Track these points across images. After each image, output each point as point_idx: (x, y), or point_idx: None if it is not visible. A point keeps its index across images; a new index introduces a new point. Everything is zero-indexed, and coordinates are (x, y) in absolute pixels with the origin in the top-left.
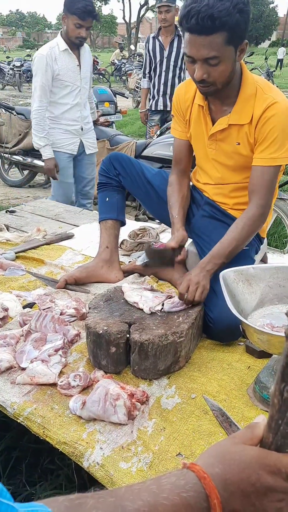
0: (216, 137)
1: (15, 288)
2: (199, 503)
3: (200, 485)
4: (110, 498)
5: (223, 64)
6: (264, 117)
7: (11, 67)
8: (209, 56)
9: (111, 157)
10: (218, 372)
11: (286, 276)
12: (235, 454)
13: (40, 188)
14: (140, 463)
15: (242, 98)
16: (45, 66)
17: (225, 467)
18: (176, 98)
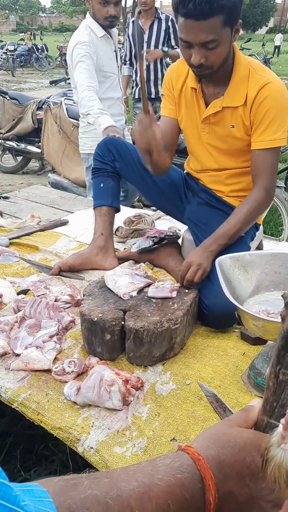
0: (209, 121)
1: (9, 274)
2: (193, 484)
3: (194, 467)
4: (105, 479)
5: (221, 47)
6: (258, 98)
7: (4, 51)
8: (207, 40)
9: (107, 142)
10: (213, 358)
11: (282, 263)
12: (230, 436)
13: (34, 175)
14: (135, 448)
15: (235, 80)
16: (90, 55)
17: (220, 449)
18: (169, 77)
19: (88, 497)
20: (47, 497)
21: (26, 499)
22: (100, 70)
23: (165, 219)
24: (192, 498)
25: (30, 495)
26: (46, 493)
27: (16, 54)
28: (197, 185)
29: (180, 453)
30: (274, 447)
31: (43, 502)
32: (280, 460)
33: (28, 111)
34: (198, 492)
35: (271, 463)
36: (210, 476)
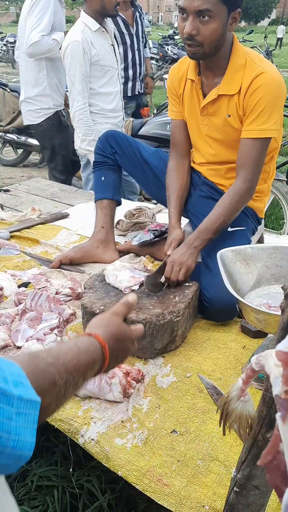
0: (207, 111)
1: (10, 267)
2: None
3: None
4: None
5: (214, 22)
6: (252, 87)
7: (4, 43)
8: (202, 8)
9: (108, 135)
10: (214, 351)
11: (283, 256)
12: (113, 322)
13: (34, 168)
14: (135, 439)
15: (232, 68)
16: (82, 55)
17: (109, 329)
18: (171, 79)
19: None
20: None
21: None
22: (97, 64)
23: (166, 212)
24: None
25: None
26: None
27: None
28: (199, 177)
29: (92, 340)
30: (234, 400)
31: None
32: (240, 411)
33: None
34: (99, 365)
35: (232, 415)
36: (107, 352)
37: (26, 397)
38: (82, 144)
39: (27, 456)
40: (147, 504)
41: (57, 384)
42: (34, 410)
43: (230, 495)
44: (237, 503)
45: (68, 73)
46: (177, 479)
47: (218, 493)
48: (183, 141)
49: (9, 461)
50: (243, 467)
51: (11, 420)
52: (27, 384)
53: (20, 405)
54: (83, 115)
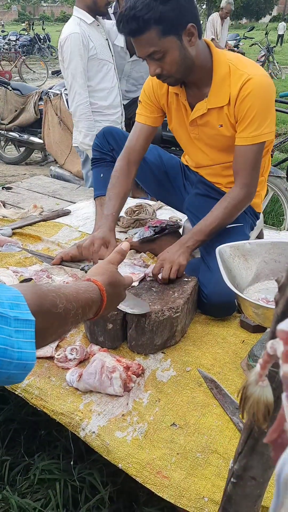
0: (197, 123)
1: (12, 264)
2: (97, 301)
3: (99, 293)
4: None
5: (169, 55)
6: (241, 95)
7: (6, 42)
8: (150, 52)
9: (105, 132)
10: (213, 346)
11: (282, 252)
12: (109, 269)
13: (37, 166)
14: (136, 432)
15: (217, 79)
16: (82, 47)
17: (106, 276)
18: (150, 85)
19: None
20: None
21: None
22: (95, 58)
23: (166, 209)
24: (96, 307)
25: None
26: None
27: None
28: (196, 176)
29: (91, 283)
30: (252, 385)
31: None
32: (258, 396)
33: (31, 101)
34: (98, 305)
35: (250, 399)
36: (105, 295)
37: (22, 317)
38: (86, 139)
39: (31, 365)
40: (148, 496)
41: (58, 307)
42: (30, 327)
43: (228, 486)
44: (234, 494)
45: (69, 67)
46: (177, 471)
47: (217, 485)
48: (138, 148)
49: (17, 371)
50: (240, 458)
51: (11, 337)
52: (23, 306)
53: (17, 324)
54: (86, 109)
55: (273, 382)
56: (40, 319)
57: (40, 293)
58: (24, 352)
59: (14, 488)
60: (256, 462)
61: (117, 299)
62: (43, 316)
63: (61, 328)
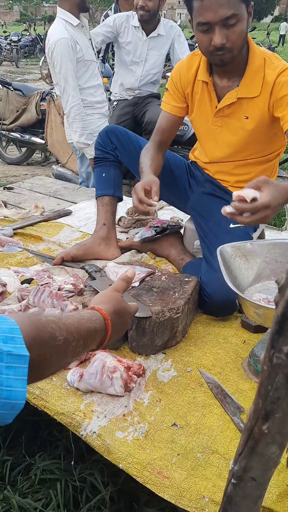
0: (223, 113)
1: (13, 264)
2: (101, 332)
3: (103, 323)
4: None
5: (241, 24)
6: (278, 82)
7: (8, 42)
8: (228, 15)
9: (108, 131)
10: (214, 346)
11: (283, 252)
12: (114, 297)
13: (38, 166)
14: (136, 432)
15: (251, 70)
16: (71, 51)
17: (112, 305)
18: (177, 73)
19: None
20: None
21: None
22: (82, 60)
23: (168, 209)
24: (98, 339)
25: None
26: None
27: (20, 45)
28: (202, 174)
29: (95, 312)
30: None
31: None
32: None
33: (32, 102)
34: (102, 336)
35: None
36: (109, 325)
37: (15, 352)
38: (81, 138)
39: (20, 405)
40: (149, 497)
41: (57, 339)
42: (23, 363)
43: (228, 487)
44: (234, 495)
45: (60, 71)
46: (177, 471)
47: (218, 486)
48: (167, 136)
49: (4, 411)
50: (240, 459)
51: (1, 374)
52: (18, 339)
53: (9, 360)
54: (79, 110)
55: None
56: (36, 352)
57: (38, 324)
58: (13, 390)
59: (15, 488)
60: (256, 463)
61: (122, 328)
62: (40, 348)
63: (60, 362)
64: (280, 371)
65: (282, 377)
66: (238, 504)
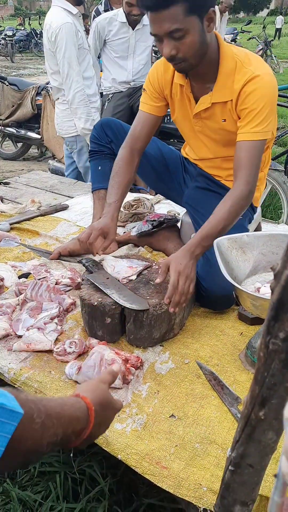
0: (201, 116)
1: (10, 258)
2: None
3: (87, 413)
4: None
5: (189, 36)
6: (244, 91)
7: (2, 37)
8: (171, 30)
9: (103, 123)
10: (211, 338)
11: (279, 244)
12: (100, 388)
13: (34, 161)
14: (135, 424)
15: (223, 74)
16: (75, 37)
17: (97, 396)
18: (155, 74)
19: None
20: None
21: None
22: (82, 48)
23: (164, 203)
24: (79, 430)
25: None
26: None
27: (15, 39)
28: (195, 169)
29: (79, 400)
30: None
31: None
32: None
33: (28, 96)
34: (85, 421)
35: None
36: (93, 415)
37: (8, 406)
38: (86, 124)
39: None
40: (148, 488)
41: (34, 421)
42: (12, 420)
43: (226, 474)
44: (232, 482)
45: (64, 55)
46: (176, 462)
47: (216, 475)
48: (142, 137)
49: None
50: (237, 446)
51: None
52: (10, 396)
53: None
54: (83, 95)
55: (257, 382)
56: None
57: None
58: None
59: (15, 481)
60: (254, 450)
61: (104, 423)
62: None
63: (32, 448)
64: (276, 357)
65: (278, 363)
66: (236, 490)
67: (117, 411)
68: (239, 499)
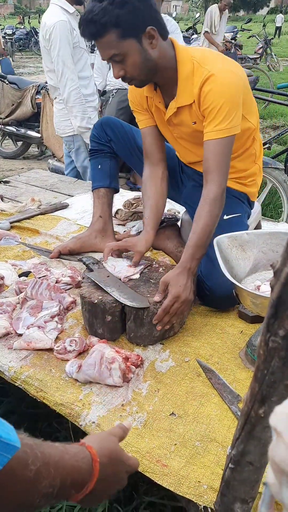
0: (173, 122)
1: (10, 257)
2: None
3: (91, 464)
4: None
5: (129, 58)
6: (202, 92)
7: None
8: (111, 55)
9: (103, 122)
10: (211, 336)
11: (279, 242)
12: (110, 440)
13: (34, 160)
14: (135, 422)
15: (182, 78)
16: (69, 34)
17: (105, 449)
18: (132, 92)
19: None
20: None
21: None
22: (77, 47)
23: None
24: (80, 483)
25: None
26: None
27: (15, 38)
28: (189, 168)
29: (84, 449)
30: None
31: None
32: None
33: (27, 95)
34: (85, 481)
35: None
36: (97, 468)
37: (3, 438)
38: (82, 122)
39: None
40: (148, 486)
41: (27, 468)
42: (7, 452)
43: (226, 472)
44: (232, 479)
45: (58, 53)
46: (176, 460)
47: (216, 473)
48: (154, 149)
49: None
50: (237, 444)
51: None
52: (8, 427)
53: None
54: (79, 94)
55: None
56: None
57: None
58: None
59: None
60: (253, 447)
61: (113, 480)
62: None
63: (22, 500)
64: (276, 355)
65: (278, 361)
66: (236, 488)
67: (131, 470)
68: (239, 497)
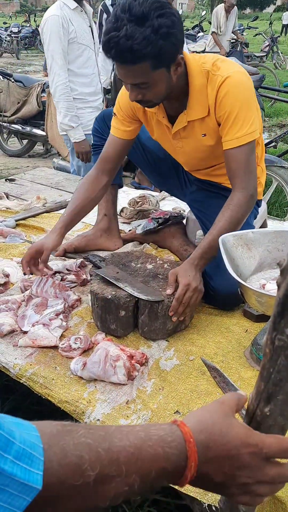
0: (180, 135)
1: (16, 255)
2: (177, 461)
3: (184, 446)
4: (100, 432)
5: (155, 87)
6: (218, 98)
7: (8, 34)
8: (136, 83)
9: (105, 115)
10: (216, 335)
11: (285, 241)
12: (223, 426)
13: (39, 158)
14: (140, 420)
15: (195, 92)
16: (61, 29)
17: (211, 436)
18: (125, 98)
19: (82, 443)
20: (35, 432)
21: (13, 428)
22: (75, 42)
23: (170, 199)
24: (173, 471)
25: (19, 427)
26: (35, 429)
27: (20, 36)
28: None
29: (174, 428)
30: None
31: (31, 435)
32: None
33: (33, 93)
34: (180, 468)
35: None
36: (195, 459)
37: (22, 478)
38: (65, 119)
39: None
40: None
41: (83, 474)
42: (26, 495)
43: None
44: None
45: (48, 48)
46: None
47: None
48: (112, 159)
49: None
50: None
51: None
52: (36, 460)
53: (8, 482)
54: (65, 89)
55: (262, 378)
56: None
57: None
58: None
59: None
60: None
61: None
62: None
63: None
64: (282, 353)
65: (284, 359)
66: None
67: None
68: None
